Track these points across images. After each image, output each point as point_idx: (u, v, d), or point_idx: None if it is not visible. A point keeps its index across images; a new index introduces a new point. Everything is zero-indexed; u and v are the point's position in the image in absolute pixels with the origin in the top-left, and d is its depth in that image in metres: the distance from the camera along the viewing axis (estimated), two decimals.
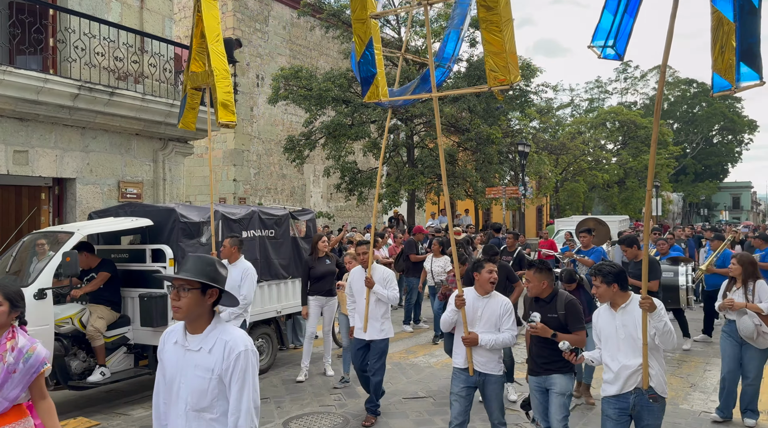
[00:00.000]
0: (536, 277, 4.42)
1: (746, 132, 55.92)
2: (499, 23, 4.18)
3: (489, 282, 4.53)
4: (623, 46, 3.94)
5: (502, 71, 4.26)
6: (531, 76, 19.62)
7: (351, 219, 24.69)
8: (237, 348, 2.44)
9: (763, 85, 3.57)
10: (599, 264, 4.06)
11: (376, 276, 5.88)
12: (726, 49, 3.55)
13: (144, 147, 10.02)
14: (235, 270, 6.24)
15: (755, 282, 5.48)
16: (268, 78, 20.44)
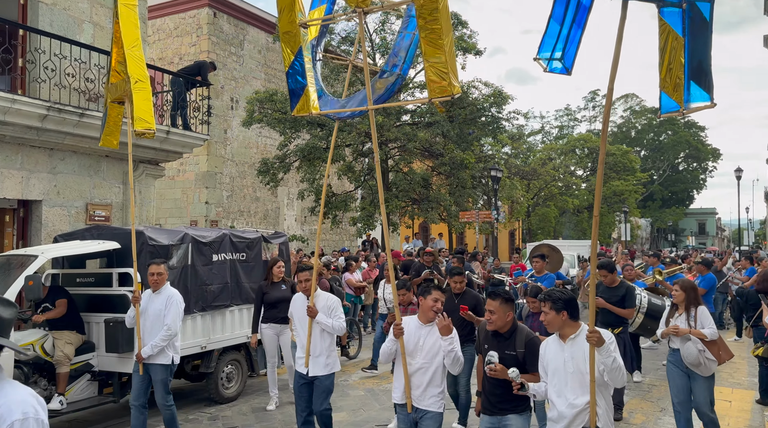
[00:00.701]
0: (502, 309, 4.01)
1: (710, 160, 57.74)
2: (439, 33, 4.02)
3: (432, 310, 4.15)
4: (571, 59, 3.62)
5: (442, 82, 4.08)
6: (502, 103, 19.98)
7: (325, 243, 24.57)
8: (9, 417, 1.86)
9: (713, 107, 3.28)
10: (550, 289, 3.79)
11: (319, 305, 5.32)
12: (674, 65, 3.28)
13: (114, 169, 9.86)
14: (159, 297, 5.69)
15: (697, 309, 5.34)
16: (243, 101, 20.42)
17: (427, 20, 4.04)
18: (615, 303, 6.63)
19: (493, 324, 4.04)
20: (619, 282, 6.91)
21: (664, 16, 3.24)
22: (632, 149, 48.70)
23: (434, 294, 4.22)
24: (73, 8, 9.33)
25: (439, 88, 4.09)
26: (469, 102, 19.47)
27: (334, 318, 5.33)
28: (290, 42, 4.97)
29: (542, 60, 3.58)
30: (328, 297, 5.45)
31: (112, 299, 6.52)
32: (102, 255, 6.96)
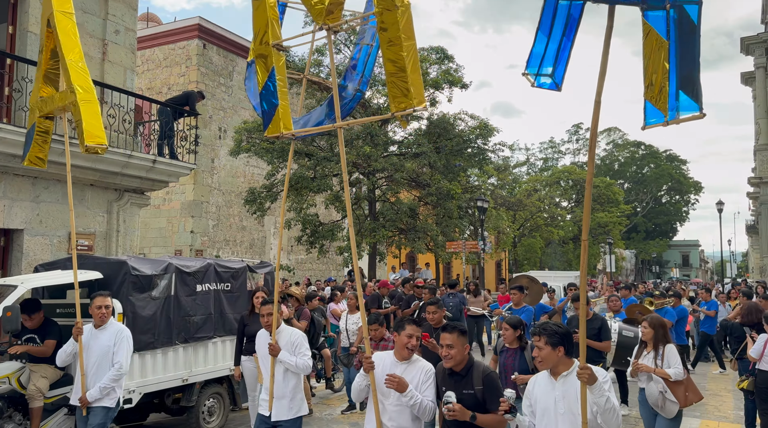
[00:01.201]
0: (460, 342, 3.69)
1: (692, 192, 58.67)
2: (401, 45, 3.82)
3: (405, 347, 3.82)
4: (561, 74, 3.40)
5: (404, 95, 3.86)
6: (488, 135, 20.27)
7: (311, 273, 24.41)
8: None
9: (702, 118, 3.00)
10: (544, 322, 3.48)
11: (282, 341, 4.88)
12: (658, 72, 3.02)
13: (98, 197, 9.78)
14: (105, 333, 5.21)
15: (665, 347, 5.16)
16: (231, 130, 20.50)
17: (388, 32, 3.85)
18: (591, 337, 6.58)
19: (451, 360, 3.70)
20: (593, 315, 6.96)
21: (648, 20, 3.03)
22: (616, 181, 49.41)
23: (409, 330, 3.86)
24: None
25: (401, 102, 3.88)
26: (456, 133, 19.72)
27: (298, 356, 4.86)
28: (264, 63, 4.84)
29: (530, 76, 3.41)
30: (292, 333, 5.01)
31: None
32: (83, 285, 6.84)
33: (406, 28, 3.85)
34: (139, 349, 6.38)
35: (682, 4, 2.97)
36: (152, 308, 6.59)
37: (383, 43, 3.91)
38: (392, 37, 3.85)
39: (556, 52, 3.36)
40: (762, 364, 6.32)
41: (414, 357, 3.89)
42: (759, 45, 24.78)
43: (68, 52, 5.75)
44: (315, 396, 9.31)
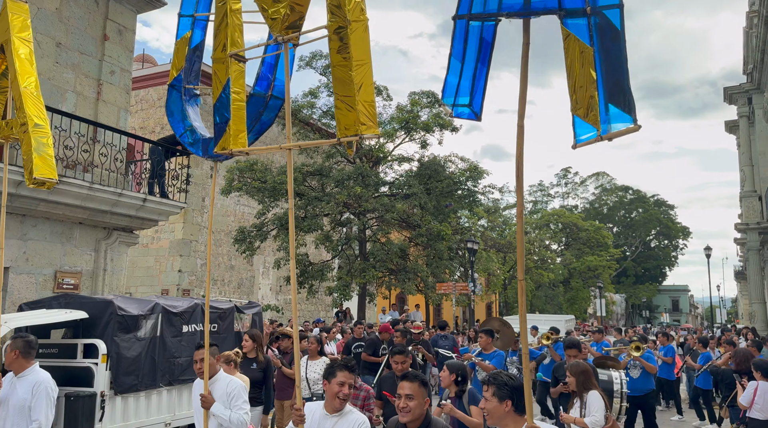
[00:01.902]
0: (421, 393, 3.33)
1: (680, 237, 59.18)
2: (350, 66, 3.51)
3: (336, 396, 3.46)
4: (479, 103, 3.16)
5: (351, 121, 3.53)
6: (478, 177, 20.51)
7: (300, 313, 24.15)
8: None
9: (637, 130, 2.68)
10: (495, 372, 3.18)
11: (217, 392, 4.44)
12: (585, 82, 2.75)
13: (86, 236, 9.72)
14: (23, 384, 4.56)
15: (587, 394, 5.03)
16: (223, 169, 20.60)
17: (339, 50, 3.55)
18: None
19: (409, 415, 3.32)
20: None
21: (568, 27, 2.81)
22: (605, 225, 49.80)
23: (340, 377, 3.47)
24: (58, 78, 9.49)
25: (347, 127, 3.55)
26: (446, 175, 19.93)
27: (233, 409, 4.38)
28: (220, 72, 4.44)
29: (448, 106, 3.16)
30: (229, 382, 4.56)
31: (75, 372, 6.25)
32: (68, 325, 6.74)
33: (360, 46, 3.53)
34: (122, 392, 6.24)
35: (602, 10, 2.73)
36: (137, 349, 6.48)
37: (334, 62, 3.61)
38: (343, 56, 3.52)
39: (471, 80, 3.13)
40: (752, 412, 6.28)
41: (346, 408, 3.53)
42: (741, 95, 25.52)
43: (23, 79, 5.35)
44: None
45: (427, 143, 20.34)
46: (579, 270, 37.88)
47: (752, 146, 25.18)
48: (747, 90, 24.97)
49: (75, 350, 6.29)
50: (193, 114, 5.18)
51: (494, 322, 9.19)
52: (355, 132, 3.52)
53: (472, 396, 4.86)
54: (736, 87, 25.72)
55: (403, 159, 20.84)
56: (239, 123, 4.36)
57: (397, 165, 21.33)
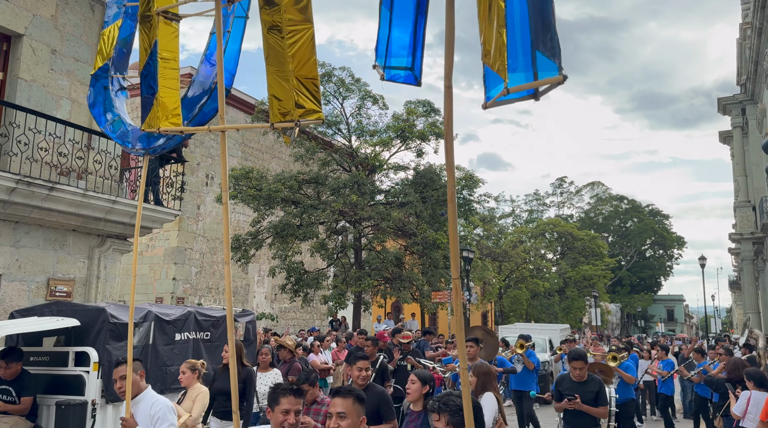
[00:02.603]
0: (356, 411, 2.97)
1: (675, 247, 59.32)
2: (282, 29, 2.81)
3: (281, 426, 3.04)
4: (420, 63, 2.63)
5: (289, 103, 2.92)
6: (474, 186, 20.55)
7: (295, 322, 24.07)
8: None
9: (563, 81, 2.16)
10: (446, 395, 2.86)
11: (139, 414, 4.06)
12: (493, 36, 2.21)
13: (80, 243, 9.68)
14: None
15: (483, 395, 4.98)
16: (218, 177, 20.57)
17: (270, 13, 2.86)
18: (588, 402, 5.77)
19: None
20: (588, 376, 5.99)
21: None
22: (600, 235, 49.91)
23: (284, 404, 3.01)
24: (52, 85, 9.48)
25: (285, 111, 2.98)
26: (442, 184, 19.96)
27: None
28: (146, 34, 3.62)
29: (379, 67, 2.62)
30: (153, 403, 4.12)
31: (66, 380, 6.20)
32: (60, 332, 6.70)
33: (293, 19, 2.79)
34: (114, 400, 6.19)
35: None
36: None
37: (264, 22, 2.89)
38: (274, 17, 2.80)
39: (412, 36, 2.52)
40: (746, 422, 6.27)
41: None
42: (735, 105, 25.71)
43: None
44: None
45: (423, 152, 20.40)
46: (574, 279, 37.91)
47: (746, 156, 25.33)
48: (740, 101, 25.17)
49: (66, 358, 6.25)
50: (120, 105, 4.47)
51: (477, 331, 8.86)
52: (292, 117, 2.89)
53: None
54: (730, 98, 25.92)
55: (399, 167, 20.87)
56: (170, 95, 3.52)
57: (393, 173, 21.37)
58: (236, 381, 3.44)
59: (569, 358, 6.11)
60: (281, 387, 3.12)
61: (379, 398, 4.71)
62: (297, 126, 2.93)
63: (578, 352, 6.07)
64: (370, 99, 20.17)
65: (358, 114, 20.41)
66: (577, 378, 5.91)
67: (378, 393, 4.78)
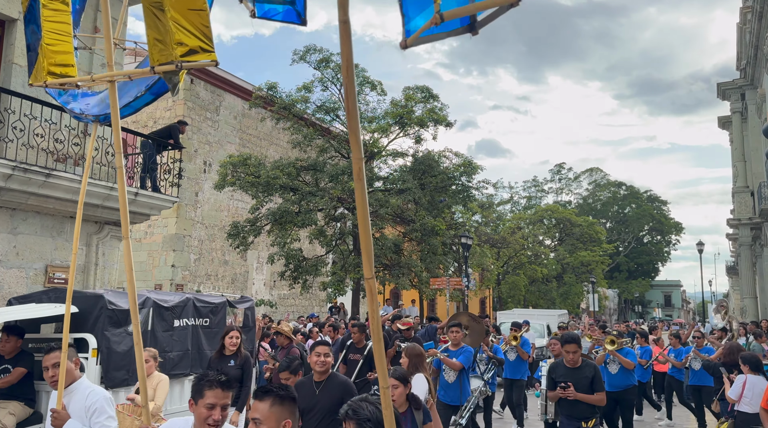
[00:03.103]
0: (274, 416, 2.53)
1: (673, 233, 59.45)
2: None
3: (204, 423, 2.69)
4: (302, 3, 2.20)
5: (163, 44, 2.43)
6: (472, 172, 20.51)
7: (294, 308, 24.14)
8: None
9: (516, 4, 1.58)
10: (357, 402, 2.57)
11: (73, 405, 3.71)
12: None
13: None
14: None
15: (414, 376, 5.01)
16: (216, 164, 20.51)
17: None
18: (583, 389, 5.55)
19: None
20: (582, 361, 5.73)
21: None
22: (598, 221, 49.98)
23: (209, 397, 2.66)
24: None
25: (165, 52, 2.46)
26: (440, 171, 19.93)
27: (93, 427, 3.59)
28: None
29: (248, 0, 2.18)
30: (89, 394, 3.77)
31: None
32: (58, 319, 6.70)
33: None
34: (113, 386, 6.21)
35: None
36: (128, 343, 6.45)
37: None
38: None
39: None
40: (741, 405, 6.32)
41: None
42: (734, 90, 25.61)
43: None
44: None
45: (422, 138, 20.32)
46: (572, 265, 38.02)
47: (745, 142, 25.29)
48: (740, 86, 25.07)
49: None
50: None
51: (462, 317, 8.67)
52: (170, 58, 2.36)
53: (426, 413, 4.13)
54: (729, 83, 25.81)
55: (397, 154, 20.81)
56: (60, 42, 2.95)
57: (392, 160, 21.32)
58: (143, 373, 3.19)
59: (561, 342, 5.88)
60: (207, 378, 2.71)
61: (343, 388, 4.29)
62: (178, 68, 2.41)
63: (570, 335, 5.82)
64: (368, 85, 20.05)
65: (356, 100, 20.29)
66: (571, 364, 5.66)
67: (341, 383, 4.36)
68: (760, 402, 5.78)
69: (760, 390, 6.08)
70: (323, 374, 4.39)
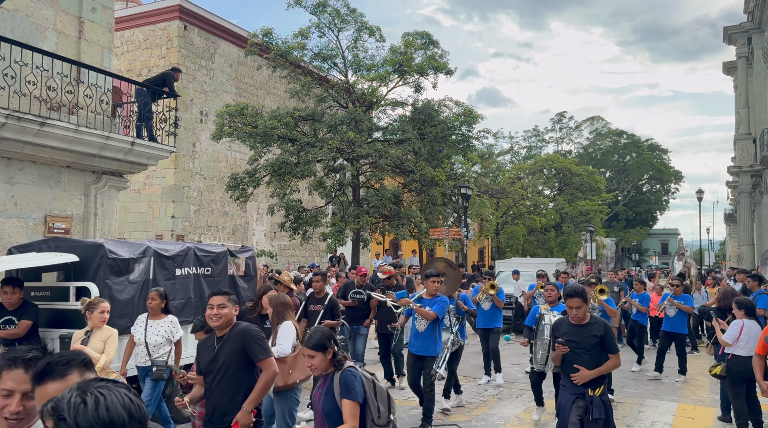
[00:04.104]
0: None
1: (672, 181, 59.37)
2: None
3: None
4: None
5: None
6: (473, 122, 20.23)
7: (294, 259, 24.32)
8: None
9: None
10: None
11: None
12: None
13: (75, 180, 9.58)
14: None
15: (280, 325, 5.16)
16: (212, 114, 20.22)
17: None
18: (593, 347, 4.76)
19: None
20: (591, 317, 4.91)
21: None
22: (598, 170, 49.80)
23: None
24: (36, 15, 9.11)
25: None
26: (440, 120, 19.66)
27: None
28: None
29: None
30: None
31: (68, 314, 6.27)
32: (59, 268, 6.72)
33: None
34: (118, 333, 6.29)
35: None
36: (130, 292, 6.49)
37: None
38: None
39: None
40: (736, 349, 6.41)
41: None
42: (741, 34, 25.00)
43: None
44: None
45: (421, 87, 19.93)
46: (571, 214, 38.10)
47: (749, 88, 24.89)
48: (747, 29, 24.46)
49: (67, 293, 6.29)
50: None
51: (438, 263, 8.05)
52: None
53: (345, 385, 3.40)
54: (736, 26, 25.17)
55: (397, 103, 20.46)
56: None
57: (391, 109, 20.99)
58: None
59: (564, 296, 5.01)
60: (6, 356, 2.08)
61: (243, 336, 3.88)
62: None
63: (574, 288, 4.83)
64: (366, 31, 19.52)
65: (354, 47, 19.81)
66: (576, 320, 4.81)
67: (240, 331, 3.91)
68: (755, 348, 5.86)
69: (756, 334, 6.16)
70: (222, 328, 3.91)
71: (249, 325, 4.05)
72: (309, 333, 3.54)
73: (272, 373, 3.87)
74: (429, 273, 6.98)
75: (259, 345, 3.90)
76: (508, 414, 7.67)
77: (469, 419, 7.39)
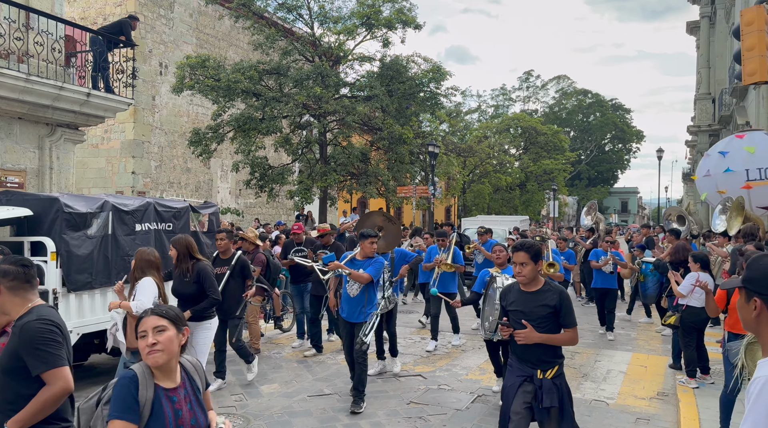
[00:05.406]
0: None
1: (634, 141, 60.50)
2: None
3: None
4: None
5: None
6: (441, 79, 20.03)
7: (262, 216, 24.11)
8: None
9: None
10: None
11: None
12: None
13: (28, 132, 9.18)
14: None
15: (141, 280, 4.96)
16: (173, 66, 19.51)
17: None
18: (544, 319, 3.81)
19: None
20: (545, 283, 3.93)
21: None
22: (562, 129, 50.32)
23: None
24: None
25: None
26: (409, 77, 19.41)
27: None
28: None
29: None
30: None
31: None
32: (11, 222, 6.47)
33: None
34: (76, 289, 6.15)
35: None
36: (88, 247, 6.32)
37: None
38: None
39: None
40: (691, 300, 6.69)
41: None
42: None
43: None
44: (264, 336, 9.33)
45: (390, 42, 19.55)
46: (535, 173, 38.62)
47: (711, 48, 25.23)
48: None
49: (22, 248, 6.08)
50: None
51: (377, 217, 7.38)
52: None
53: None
54: None
55: (364, 58, 20.06)
56: None
57: (358, 65, 20.58)
58: None
59: (512, 249, 4.03)
60: None
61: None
62: None
63: (521, 242, 3.99)
64: None
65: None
66: (524, 282, 3.89)
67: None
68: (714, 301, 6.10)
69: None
70: None
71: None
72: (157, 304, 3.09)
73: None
74: (365, 232, 6.18)
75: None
76: (471, 364, 7.88)
77: (433, 370, 7.56)
